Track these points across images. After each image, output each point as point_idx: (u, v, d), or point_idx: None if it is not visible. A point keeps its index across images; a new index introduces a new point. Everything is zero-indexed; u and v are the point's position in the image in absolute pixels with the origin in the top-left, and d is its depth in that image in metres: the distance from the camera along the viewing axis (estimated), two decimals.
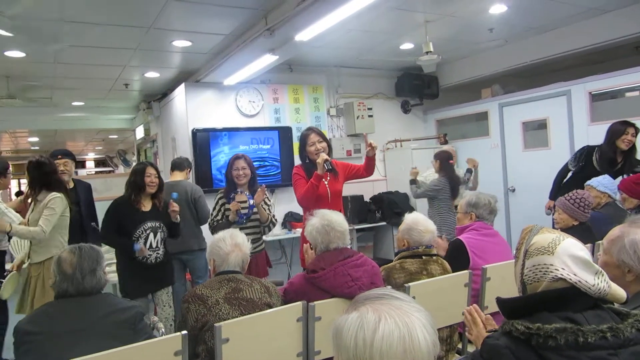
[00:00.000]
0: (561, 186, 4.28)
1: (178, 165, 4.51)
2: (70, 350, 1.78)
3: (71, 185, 4.00)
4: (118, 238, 3.38)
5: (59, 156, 3.93)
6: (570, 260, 1.29)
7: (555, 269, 1.29)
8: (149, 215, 3.43)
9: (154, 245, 3.42)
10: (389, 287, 2.38)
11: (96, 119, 8.66)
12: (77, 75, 5.58)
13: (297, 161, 5.89)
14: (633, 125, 4.02)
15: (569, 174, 4.31)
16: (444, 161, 5.09)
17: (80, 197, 4.01)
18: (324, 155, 3.23)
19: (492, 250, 2.76)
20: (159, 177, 3.51)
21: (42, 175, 3.42)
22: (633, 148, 4.02)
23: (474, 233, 2.83)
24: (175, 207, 3.51)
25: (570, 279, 1.27)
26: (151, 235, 3.40)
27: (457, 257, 2.71)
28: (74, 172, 4.02)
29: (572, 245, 1.32)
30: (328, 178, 3.32)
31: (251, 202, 3.61)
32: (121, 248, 3.43)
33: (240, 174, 3.66)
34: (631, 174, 3.94)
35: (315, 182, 3.20)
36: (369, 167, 3.49)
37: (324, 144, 3.36)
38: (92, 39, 4.35)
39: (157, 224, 3.45)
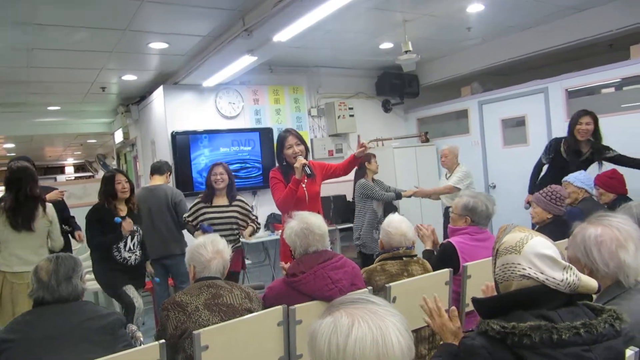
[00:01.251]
0: (538, 180, 4.32)
1: (158, 169, 4.46)
2: (49, 356, 1.79)
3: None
4: (105, 238, 3.49)
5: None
6: (537, 258, 1.30)
7: (523, 268, 1.31)
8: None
9: (132, 248, 3.60)
10: (370, 288, 2.39)
11: (74, 124, 8.50)
12: (51, 79, 5.47)
13: None
14: (590, 113, 3.99)
15: (545, 168, 4.36)
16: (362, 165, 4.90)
17: None
18: (302, 160, 3.16)
19: (483, 255, 2.67)
20: (129, 182, 3.66)
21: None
22: (597, 136, 4.00)
23: (466, 237, 2.75)
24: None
25: (537, 278, 1.28)
26: (128, 239, 3.57)
27: (447, 260, 2.66)
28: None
29: (539, 244, 1.33)
30: (306, 180, 3.25)
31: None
32: (111, 243, 3.50)
33: (218, 179, 3.76)
34: (603, 161, 3.98)
35: (293, 187, 3.13)
36: (350, 167, 3.47)
37: (302, 147, 3.29)
38: (66, 42, 4.26)
39: (134, 228, 3.60)
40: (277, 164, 3.47)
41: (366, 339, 0.93)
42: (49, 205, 3.54)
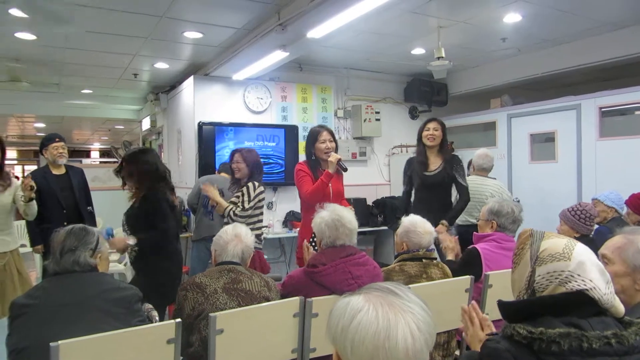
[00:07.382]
0: (410, 207, 4.02)
1: (226, 169, 4.68)
2: (62, 324, 1.79)
3: (63, 170, 4.04)
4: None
5: (57, 139, 3.97)
6: (588, 265, 1.25)
7: (571, 276, 1.25)
8: None
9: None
10: None
11: (103, 108, 8.66)
12: (86, 61, 5.58)
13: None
14: (435, 119, 3.98)
15: (412, 192, 4.08)
16: None
17: (72, 182, 4.02)
18: (336, 155, 3.24)
19: (507, 265, 2.64)
20: None
21: None
22: (444, 144, 3.94)
23: (493, 245, 2.69)
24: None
25: (586, 285, 1.23)
26: None
27: (470, 265, 2.62)
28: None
29: (586, 251, 1.28)
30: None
31: None
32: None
33: (234, 167, 3.66)
34: (456, 177, 3.83)
35: (325, 180, 3.18)
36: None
37: (334, 145, 3.36)
38: (103, 25, 4.34)
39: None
40: (305, 158, 3.47)
41: (369, 328, 0.89)
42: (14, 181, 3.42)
